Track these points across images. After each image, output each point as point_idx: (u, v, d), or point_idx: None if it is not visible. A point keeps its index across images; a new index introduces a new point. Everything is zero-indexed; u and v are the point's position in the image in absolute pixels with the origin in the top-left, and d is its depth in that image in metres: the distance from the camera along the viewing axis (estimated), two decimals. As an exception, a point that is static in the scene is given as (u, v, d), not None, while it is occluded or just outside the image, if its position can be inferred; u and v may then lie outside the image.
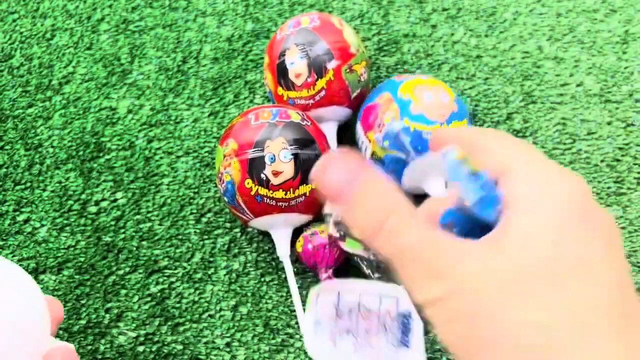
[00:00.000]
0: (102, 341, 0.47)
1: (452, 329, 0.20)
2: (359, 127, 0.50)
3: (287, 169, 0.45)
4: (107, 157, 0.55)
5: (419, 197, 0.25)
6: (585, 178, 0.52)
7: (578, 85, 0.56)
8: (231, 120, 0.56)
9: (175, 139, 0.56)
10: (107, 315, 0.48)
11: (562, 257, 0.19)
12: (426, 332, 0.45)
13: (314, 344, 0.43)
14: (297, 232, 0.48)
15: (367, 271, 0.47)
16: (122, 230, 0.52)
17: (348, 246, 0.46)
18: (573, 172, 0.22)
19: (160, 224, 0.52)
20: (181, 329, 0.47)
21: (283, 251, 0.47)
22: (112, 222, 0.52)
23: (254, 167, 0.45)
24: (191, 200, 0.53)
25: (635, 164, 0.52)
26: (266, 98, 0.57)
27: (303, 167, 0.45)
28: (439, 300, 0.20)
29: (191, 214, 0.52)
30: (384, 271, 0.47)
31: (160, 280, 0.49)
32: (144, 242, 0.51)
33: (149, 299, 0.49)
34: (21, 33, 0.62)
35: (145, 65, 0.60)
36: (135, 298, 0.49)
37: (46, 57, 0.61)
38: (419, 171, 0.46)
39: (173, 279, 0.49)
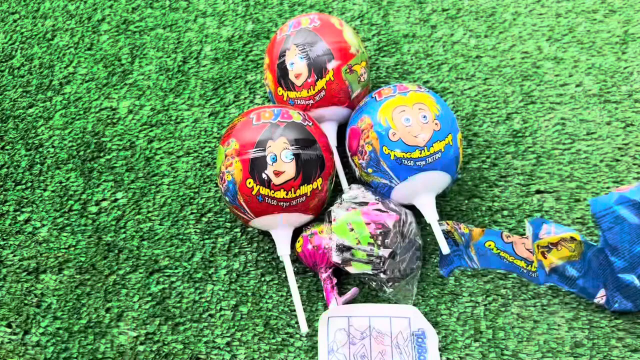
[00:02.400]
0: (103, 340, 0.47)
1: None
2: (347, 147, 0.51)
3: (289, 169, 0.45)
4: (107, 157, 0.55)
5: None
6: (584, 178, 0.52)
7: (577, 86, 0.57)
8: (231, 120, 0.56)
9: (175, 139, 0.56)
10: (108, 315, 0.48)
11: None
12: (442, 349, 0.46)
13: None
14: (297, 232, 0.49)
15: (377, 287, 0.47)
16: (123, 230, 0.52)
17: (356, 269, 0.46)
18: None
19: (160, 224, 0.52)
20: (181, 328, 0.47)
21: (283, 251, 0.47)
22: (113, 222, 0.52)
23: (255, 167, 0.45)
24: (191, 200, 0.53)
25: (634, 164, 0.52)
26: (266, 98, 0.58)
27: (304, 168, 0.45)
28: None
29: (191, 213, 0.52)
30: (393, 285, 0.47)
31: (161, 279, 0.49)
32: (144, 242, 0.51)
33: (149, 298, 0.49)
34: (22, 33, 0.63)
35: (146, 66, 0.60)
36: (136, 298, 0.49)
37: (47, 58, 0.61)
38: (410, 189, 0.47)
39: (173, 279, 0.49)
